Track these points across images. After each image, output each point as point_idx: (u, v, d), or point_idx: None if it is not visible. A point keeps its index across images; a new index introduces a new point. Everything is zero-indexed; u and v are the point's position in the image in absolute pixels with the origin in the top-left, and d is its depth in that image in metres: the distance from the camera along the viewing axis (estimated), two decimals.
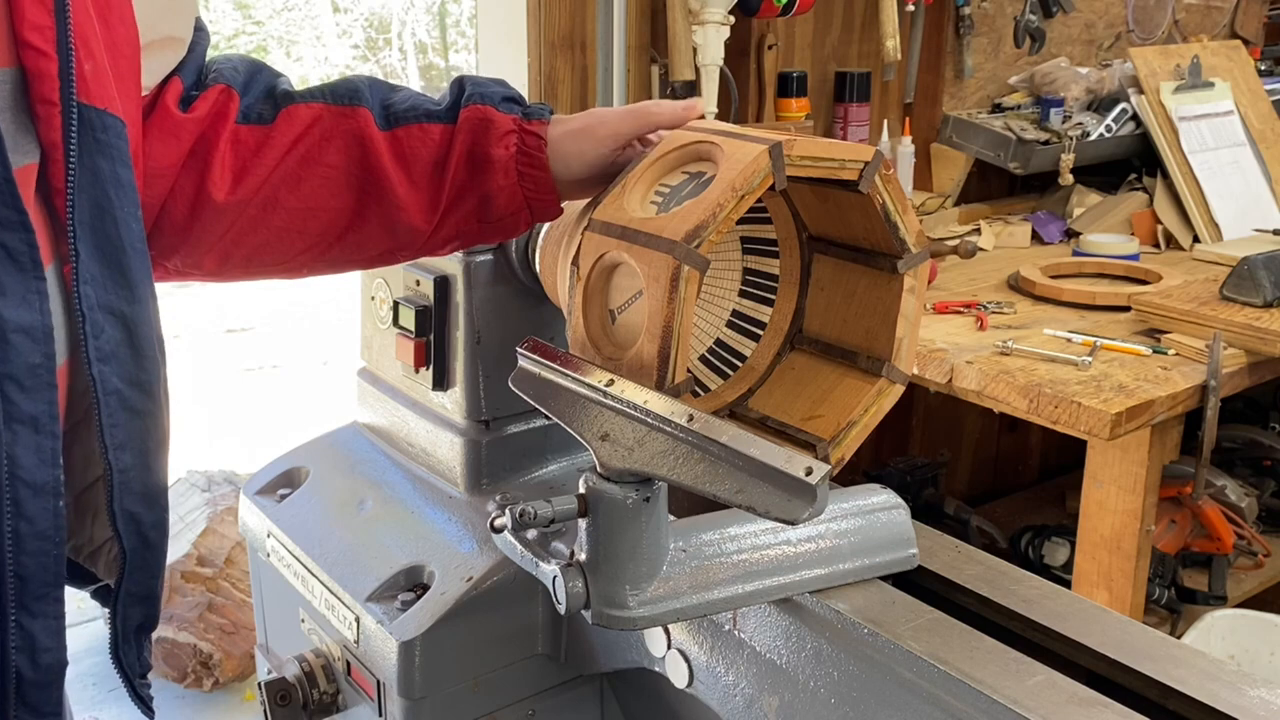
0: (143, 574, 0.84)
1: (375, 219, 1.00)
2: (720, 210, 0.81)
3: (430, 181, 0.99)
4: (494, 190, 0.98)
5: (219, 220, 0.97)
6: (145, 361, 0.81)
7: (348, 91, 1.00)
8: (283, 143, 0.97)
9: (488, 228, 1.02)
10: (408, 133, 0.99)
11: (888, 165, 0.87)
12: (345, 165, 0.98)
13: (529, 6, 2.19)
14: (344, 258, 1.04)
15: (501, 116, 0.98)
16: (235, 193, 0.96)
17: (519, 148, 0.97)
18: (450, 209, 0.99)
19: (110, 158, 0.78)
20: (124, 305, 0.79)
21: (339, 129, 0.98)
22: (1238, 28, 3.29)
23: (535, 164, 0.97)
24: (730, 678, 1.01)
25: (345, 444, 1.47)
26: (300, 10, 10.38)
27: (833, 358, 0.96)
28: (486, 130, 0.97)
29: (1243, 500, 2.45)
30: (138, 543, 0.83)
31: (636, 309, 0.85)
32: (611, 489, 0.86)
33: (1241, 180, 2.62)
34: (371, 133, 0.98)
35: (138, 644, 0.87)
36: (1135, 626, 0.93)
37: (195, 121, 0.95)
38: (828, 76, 2.57)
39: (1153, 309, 1.94)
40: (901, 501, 1.04)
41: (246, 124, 0.98)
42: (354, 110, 0.98)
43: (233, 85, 0.98)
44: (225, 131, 0.96)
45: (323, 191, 0.98)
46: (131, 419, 0.80)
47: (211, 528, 2.78)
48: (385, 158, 0.98)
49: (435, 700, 1.17)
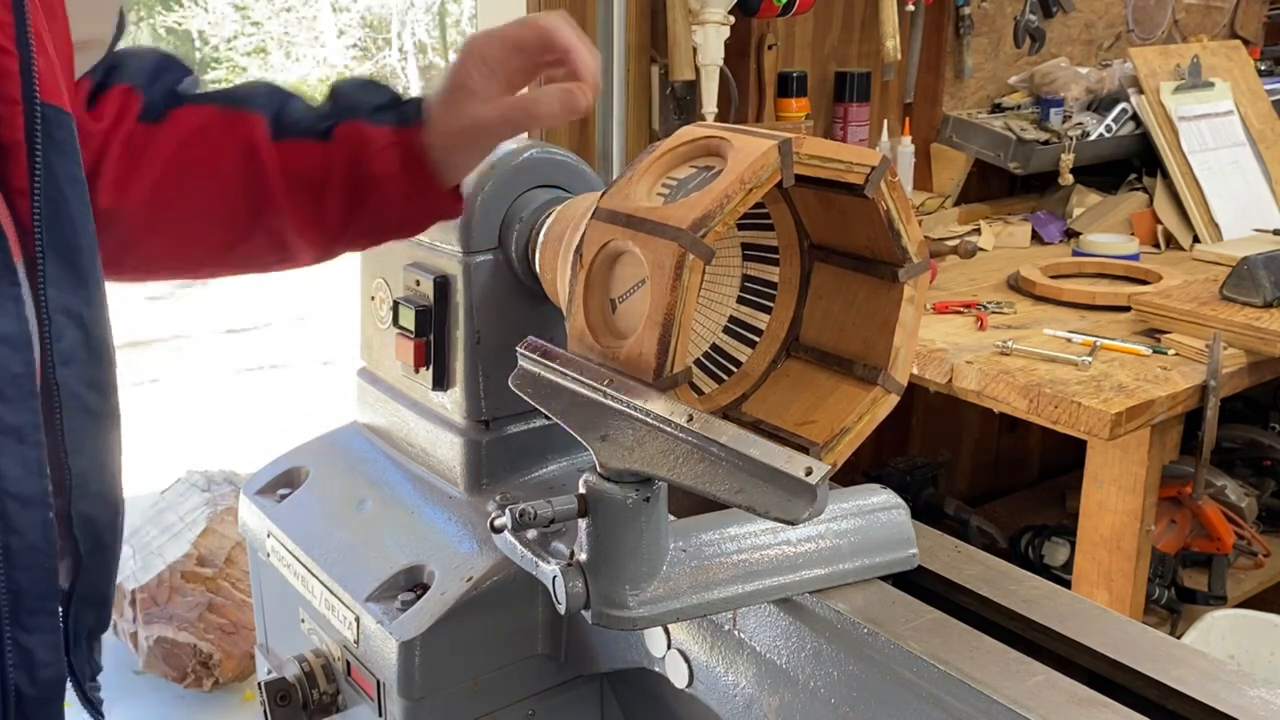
0: (96, 577, 0.82)
1: (268, 229, 0.97)
2: (728, 202, 0.81)
3: (316, 200, 0.96)
4: (382, 205, 0.96)
5: (111, 225, 0.92)
6: (101, 363, 0.79)
7: (242, 96, 0.96)
8: (168, 146, 0.94)
9: (388, 234, 1.00)
10: (292, 149, 0.95)
11: (893, 172, 0.87)
12: (235, 173, 0.95)
13: (529, 6, 2.19)
14: (241, 264, 1.01)
15: (375, 130, 0.95)
16: (124, 199, 0.93)
17: (402, 161, 0.95)
18: (342, 226, 0.97)
19: (65, 156, 0.75)
20: (81, 307, 0.76)
21: (230, 136, 0.95)
22: (1238, 28, 3.29)
23: (420, 173, 0.95)
24: (730, 678, 1.01)
25: (345, 444, 1.47)
26: (299, 11, 10.38)
27: (829, 365, 0.96)
28: (363, 148, 0.95)
29: (1243, 500, 2.45)
30: (92, 546, 0.80)
31: (639, 297, 0.84)
32: (611, 489, 0.85)
33: (1241, 180, 2.62)
34: (261, 141, 0.95)
35: (89, 647, 0.85)
36: (1135, 626, 0.93)
37: (102, 131, 0.92)
38: (828, 76, 2.57)
39: (1153, 309, 1.94)
40: (901, 501, 1.04)
41: (144, 123, 0.94)
42: (246, 116, 0.95)
43: (135, 84, 0.94)
44: (122, 134, 0.93)
45: (215, 199, 0.95)
46: (90, 422, 0.78)
47: (211, 528, 2.79)
48: (275, 170, 0.95)
49: (435, 700, 1.17)
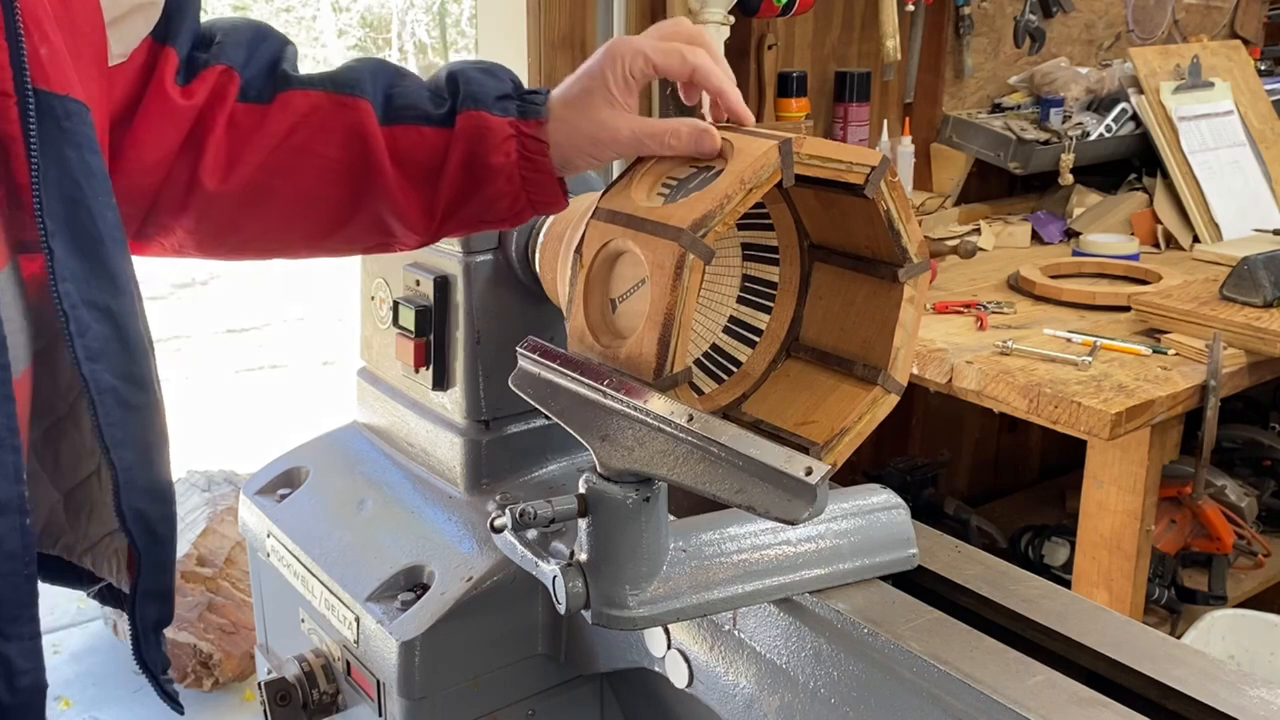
0: (156, 570, 0.82)
1: (373, 214, 0.97)
2: (728, 201, 0.81)
3: (429, 185, 0.96)
4: (495, 195, 0.96)
5: (213, 206, 0.93)
6: (135, 354, 0.78)
7: (350, 81, 0.95)
8: (277, 130, 0.93)
9: (490, 224, 1.00)
10: (405, 133, 0.95)
11: (893, 172, 0.87)
12: (343, 159, 0.95)
13: (529, 6, 2.19)
14: (341, 247, 1.01)
15: (497, 121, 0.94)
16: (228, 182, 0.92)
17: (520, 153, 0.94)
18: (450, 213, 0.97)
19: (77, 145, 0.73)
20: (108, 299, 0.75)
21: (338, 121, 0.94)
22: (1238, 28, 3.29)
23: (538, 168, 0.95)
24: (730, 678, 1.01)
25: (345, 444, 1.47)
26: (299, 11, 10.37)
27: (829, 365, 0.96)
28: (483, 138, 0.94)
29: (1243, 500, 2.45)
30: (148, 540, 0.80)
31: (638, 297, 0.84)
32: (611, 489, 0.85)
33: (1241, 180, 2.62)
34: (371, 128, 0.94)
35: (157, 640, 0.85)
36: (1135, 626, 0.93)
37: (193, 108, 0.91)
38: (828, 76, 2.57)
39: (1153, 309, 1.94)
40: (901, 501, 1.04)
41: (245, 102, 0.93)
42: (355, 101, 0.94)
43: (233, 65, 0.93)
44: (223, 115, 0.92)
45: (320, 184, 0.95)
46: (128, 415, 0.77)
47: (211, 528, 2.79)
48: (384, 156, 0.94)
49: (435, 700, 1.17)
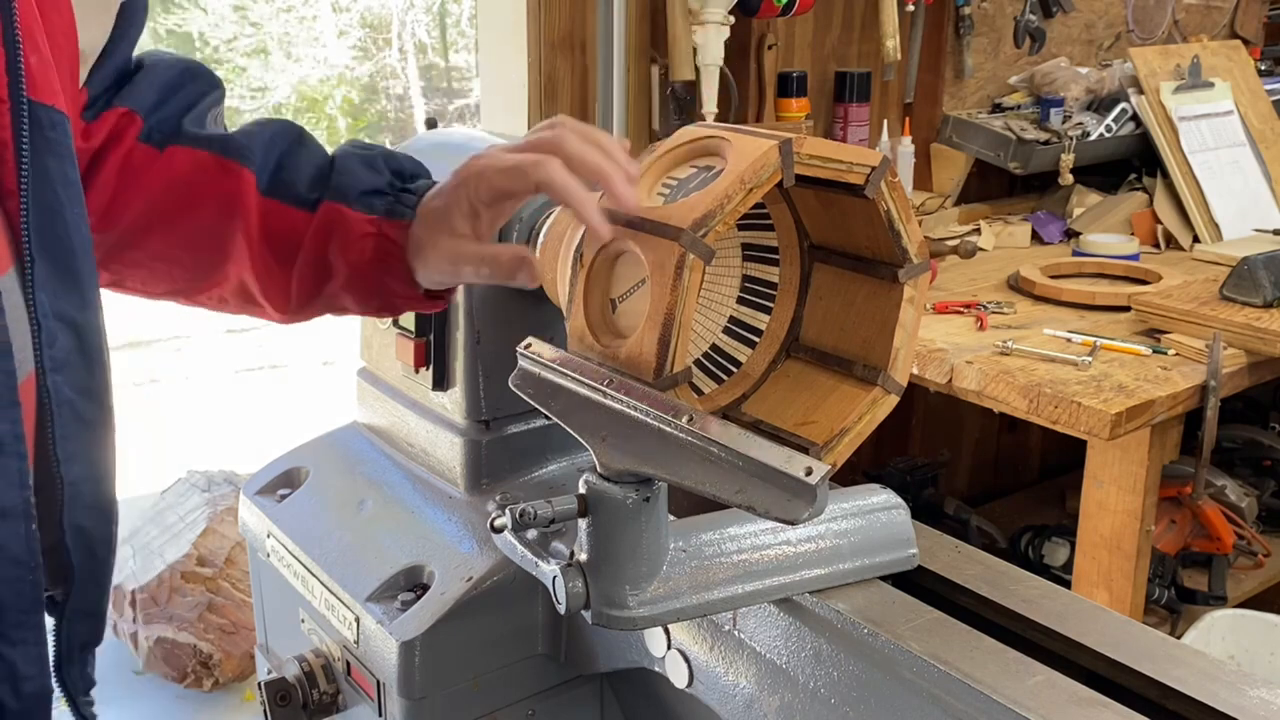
0: (89, 589, 0.81)
1: (239, 283, 0.96)
2: (728, 201, 0.81)
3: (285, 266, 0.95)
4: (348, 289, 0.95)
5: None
6: (95, 369, 0.77)
7: (239, 146, 0.95)
8: (154, 185, 0.93)
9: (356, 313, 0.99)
10: (278, 210, 0.94)
11: (894, 173, 0.87)
12: (213, 225, 0.94)
13: (529, 6, 2.19)
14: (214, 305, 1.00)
15: (356, 217, 0.93)
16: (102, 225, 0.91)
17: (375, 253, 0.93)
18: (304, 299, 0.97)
19: (59, 156, 0.73)
20: (75, 312, 0.74)
21: (216, 186, 0.93)
22: (1238, 28, 3.29)
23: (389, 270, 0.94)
24: (730, 678, 1.01)
25: (345, 444, 1.47)
26: (299, 11, 10.37)
27: (828, 366, 0.96)
28: (335, 233, 0.93)
29: (1243, 500, 2.45)
30: (85, 557, 0.79)
31: (638, 297, 0.84)
32: (611, 489, 0.85)
33: (1241, 180, 2.62)
34: (247, 198, 0.93)
35: (82, 661, 0.84)
36: (1135, 626, 0.93)
37: (88, 150, 0.91)
38: (828, 76, 2.57)
39: (1153, 309, 1.94)
40: (901, 501, 1.03)
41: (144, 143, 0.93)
42: (238, 169, 0.93)
43: (137, 109, 0.93)
44: (118, 156, 0.92)
45: (187, 244, 0.95)
46: (83, 430, 0.76)
47: (211, 528, 2.79)
48: (255, 228, 0.94)
49: (435, 700, 1.17)
